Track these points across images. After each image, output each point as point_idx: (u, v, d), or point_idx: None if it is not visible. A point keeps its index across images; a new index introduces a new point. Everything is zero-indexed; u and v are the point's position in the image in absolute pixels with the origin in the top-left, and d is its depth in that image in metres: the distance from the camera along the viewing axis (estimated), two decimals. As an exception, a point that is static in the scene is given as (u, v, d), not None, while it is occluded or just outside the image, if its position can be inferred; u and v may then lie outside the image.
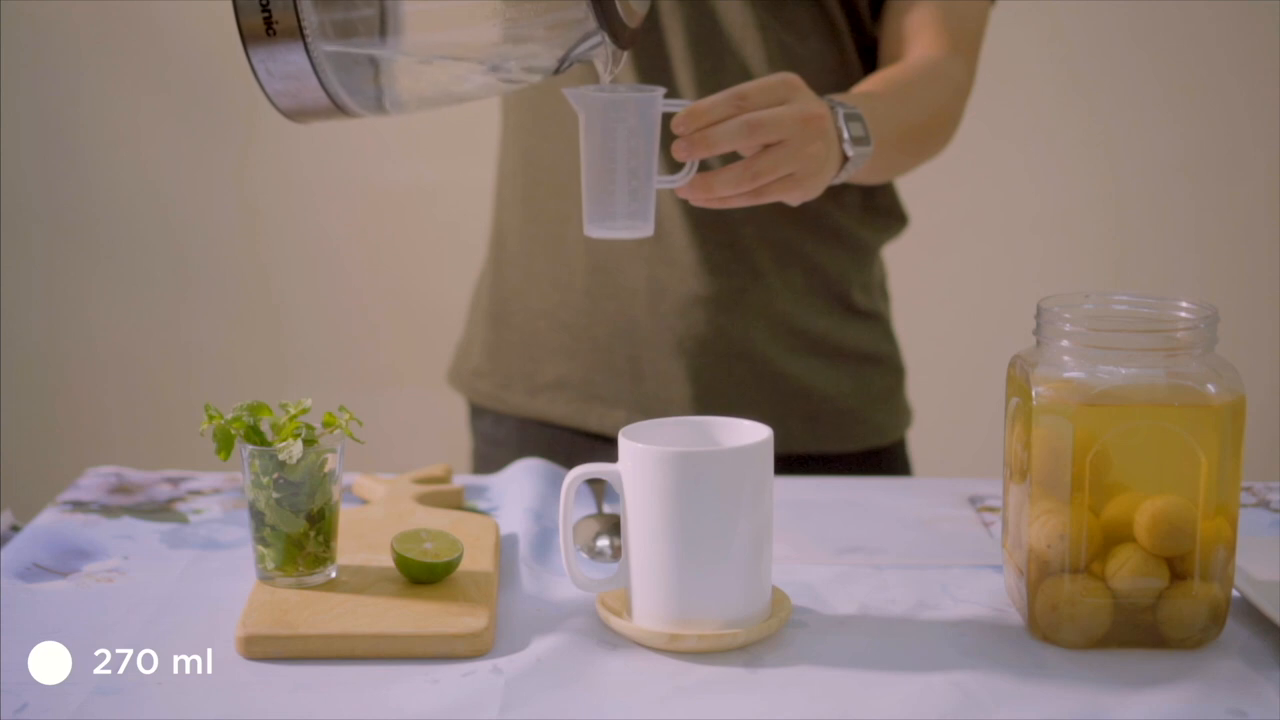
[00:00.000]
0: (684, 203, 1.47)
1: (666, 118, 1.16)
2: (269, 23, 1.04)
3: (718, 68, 1.46)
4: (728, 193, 1.16)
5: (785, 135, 1.15)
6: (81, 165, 2.53)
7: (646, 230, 1.17)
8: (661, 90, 1.15)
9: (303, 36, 1.04)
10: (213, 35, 2.48)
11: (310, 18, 1.04)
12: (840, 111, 1.23)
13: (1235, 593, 1.10)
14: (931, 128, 1.46)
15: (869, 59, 1.51)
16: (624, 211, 1.15)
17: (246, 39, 1.05)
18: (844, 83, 1.48)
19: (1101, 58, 2.57)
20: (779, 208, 1.49)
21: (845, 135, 1.22)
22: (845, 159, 1.23)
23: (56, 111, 2.52)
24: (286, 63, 1.05)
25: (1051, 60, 2.58)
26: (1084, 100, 2.58)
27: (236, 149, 2.54)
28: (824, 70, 1.48)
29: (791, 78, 1.19)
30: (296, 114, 1.10)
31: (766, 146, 1.15)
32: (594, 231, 1.17)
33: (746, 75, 1.45)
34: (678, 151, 1.15)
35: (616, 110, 1.14)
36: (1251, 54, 2.54)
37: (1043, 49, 2.55)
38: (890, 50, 1.48)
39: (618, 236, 1.17)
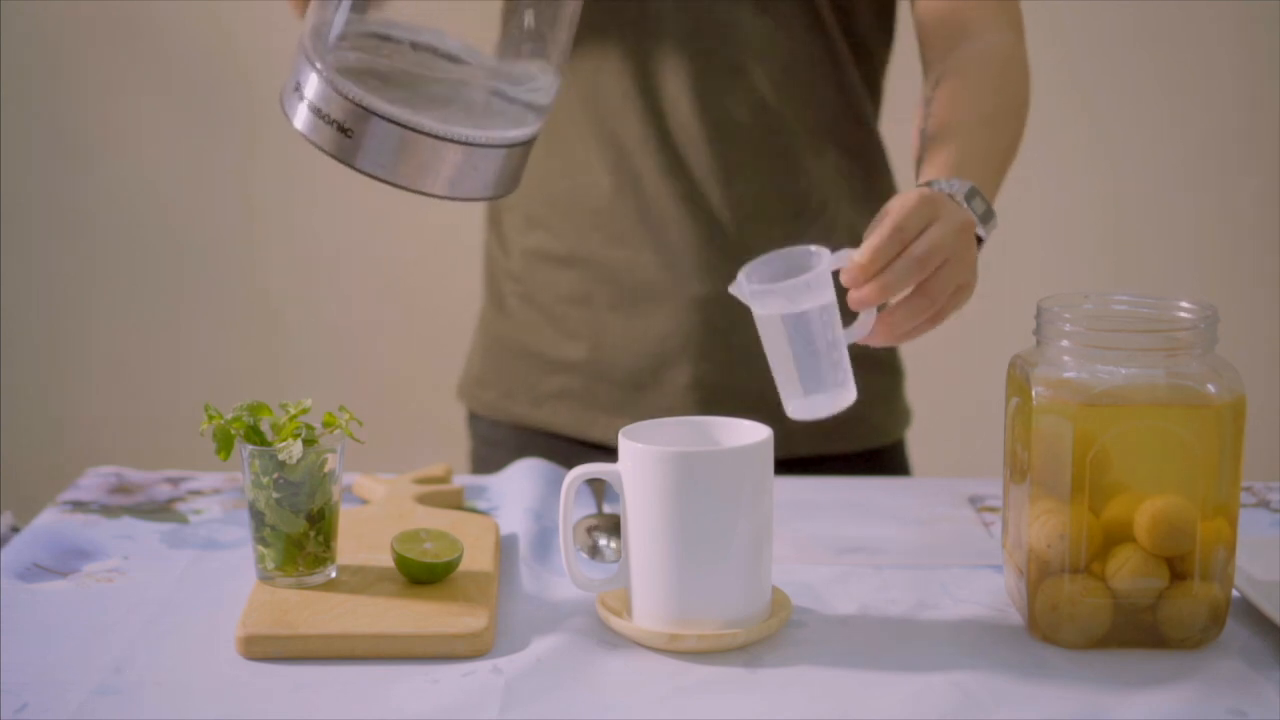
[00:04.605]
0: (686, 204, 1.48)
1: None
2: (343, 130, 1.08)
3: (715, 61, 1.46)
4: (909, 326, 1.15)
5: (949, 255, 1.14)
6: (81, 165, 2.53)
7: (851, 395, 1.13)
8: (826, 253, 1.11)
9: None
10: (213, 35, 2.48)
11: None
12: (960, 195, 1.20)
13: (1235, 593, 1.10)
14: (1019, 132, 1.42)
15: (862, 56, 1.51)
16: (830, 382, 1.12)
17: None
18: (836, 77, 1.48)
19: (1101, 58, 2.57)
20: (778, 202, 1.49)
21: (976, 220, 1.20)
22: (980, 240, 1.21)
23: (56, 111, 2.52)
24: None
25: (1051, 60, 2.56)
26: (1084, 100, 2.57)
27: (237, 150, 2.54)
28: (814, 64, 1.48)
29: (926, 192, 1.17)
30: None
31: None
32: (802, 413, 1.13)
33: (740, 69, 1.45)
34: (855, 303, 1.13)
35: (799, 295, 1.10)
36: (1251, 54, 2.53)
37: (1043, 49, 2.54)
38: (936, 33, 1.44)
39: (828, 413, 1.13)
